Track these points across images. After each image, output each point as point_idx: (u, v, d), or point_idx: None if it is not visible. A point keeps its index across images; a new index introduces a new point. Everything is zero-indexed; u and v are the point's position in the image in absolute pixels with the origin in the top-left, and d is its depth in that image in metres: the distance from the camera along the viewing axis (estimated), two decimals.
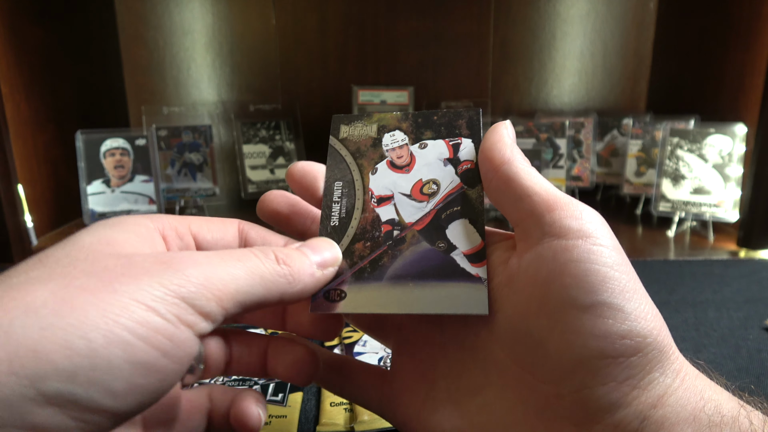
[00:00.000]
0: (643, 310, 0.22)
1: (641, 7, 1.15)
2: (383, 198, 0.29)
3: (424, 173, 0.29)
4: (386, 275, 0.27)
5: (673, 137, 0.88)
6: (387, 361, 0.46)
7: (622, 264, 0.23)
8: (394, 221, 0.28)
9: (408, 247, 0.27)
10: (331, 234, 0.28)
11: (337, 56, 1.15)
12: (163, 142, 0.96)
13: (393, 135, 0.30)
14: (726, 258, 0.76)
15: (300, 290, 0.24)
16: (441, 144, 0.29)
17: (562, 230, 0.23)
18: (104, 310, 0.18)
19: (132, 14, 1.11)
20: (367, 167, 0.30)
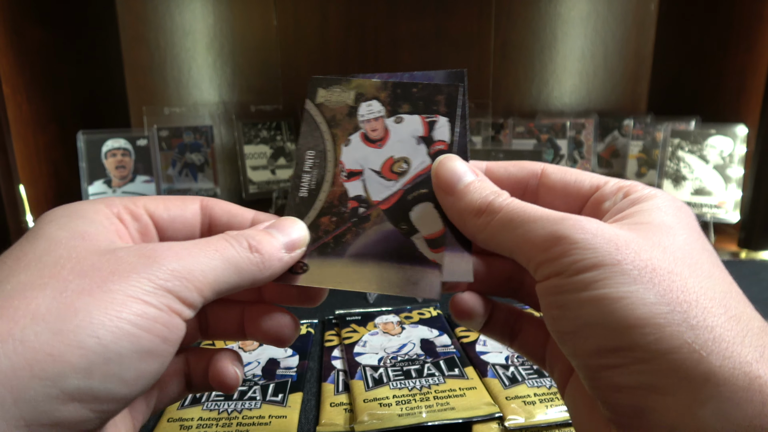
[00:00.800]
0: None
1: (642, 8, 1.15)
2: (353, 173, 0.29)
3: (396, 150, 0.29)
4: (348, 252, 0.27)
5: (674, 138, 0.88)
6: (387, 361, 0.46)
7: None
8: (361, 198, 0.28)
9: (372, 225, 0.28)
10: (299, 205, 0.28)
11: (338, 57, 1.15)
12: (165, 143, 0.96)
13: (370, 105, 0.29)
14: (727, 259, 0.76)
15: (269, 276, 0.25)
16: (417, 120, 0.29)
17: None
18: (105, 309, 0.19)
19: (133, 15, 1.11)
20: (340, 137, 0.29)
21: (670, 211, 0.24)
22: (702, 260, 0.22)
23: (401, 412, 0.38)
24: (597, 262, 0.20)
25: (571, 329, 0.21)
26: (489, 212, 0.25)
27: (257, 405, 0.40)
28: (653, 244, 0.21)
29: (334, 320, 0.55)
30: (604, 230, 0.21)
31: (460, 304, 0.28)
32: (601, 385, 0.21)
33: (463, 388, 0.41)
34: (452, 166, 0.27)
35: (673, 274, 0.20)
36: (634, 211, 0.24)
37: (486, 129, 1.03)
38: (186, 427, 0.38)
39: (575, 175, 0.27)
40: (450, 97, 0.29)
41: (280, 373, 0.45)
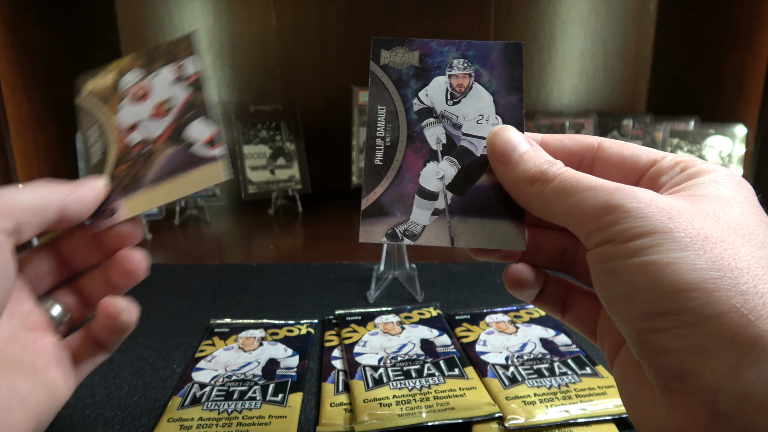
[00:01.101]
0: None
1: (641, 8, 1.15)
2: (131, 127, 0.33)
3: (161, 95, 0.33)
4: (146, 181, 0.31)
5: (673, 138, 0.88)
6: (387, 361, 0.46)
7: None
8: (144, 140, 0.32)
9: (159, 155, 0.32)
10: (95, 169, 0.32)
11: (338, 57, 1.15)
12: None
13: (129, 76, 0.34)
14: None
15: (75, 197, 0.29)
16: (166, 71, 0.33)
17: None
18: None
19: (132, 15, 1.11)
20: (111, 110, 0.34)
21: (728, 185, 0.24)
22: (757, 231, 0.22)
23: (401, 412, 0.38)
24: (649, 230, 0.21)
25: (621, 294, 0.21)
26: (543, 180, 0.25)
27: (257, 405, 0.40)
28: (707, 214, 0.21)
29: (334, 320, 0.55)
30: (658, 200, 0.22)
31: (513, 274, 0.29)
32: (648, 349, 0.21)
33: (463, 388, 0.41)
34: (507, 136, 0.27)
35: (726, 243, 0.20)
36: (692, 184, 0.24)
37: None
38: (186, 427, 0.38)
39: (632, 149, 0.28)
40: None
41: (280, 373, 0.45)
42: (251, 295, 0.64)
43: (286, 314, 0.58)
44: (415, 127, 0.30)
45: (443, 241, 0.28)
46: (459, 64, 0.30)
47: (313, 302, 0.61)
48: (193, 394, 0.42)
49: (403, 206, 0.29)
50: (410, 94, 0.30)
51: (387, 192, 0.29)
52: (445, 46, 0.30)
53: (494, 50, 0.30)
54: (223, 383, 0.43)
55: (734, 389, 0.19)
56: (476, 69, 0.30)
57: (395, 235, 0.28)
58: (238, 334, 0.52)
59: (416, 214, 0.29)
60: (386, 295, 0.63)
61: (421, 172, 0.29)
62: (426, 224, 0.29)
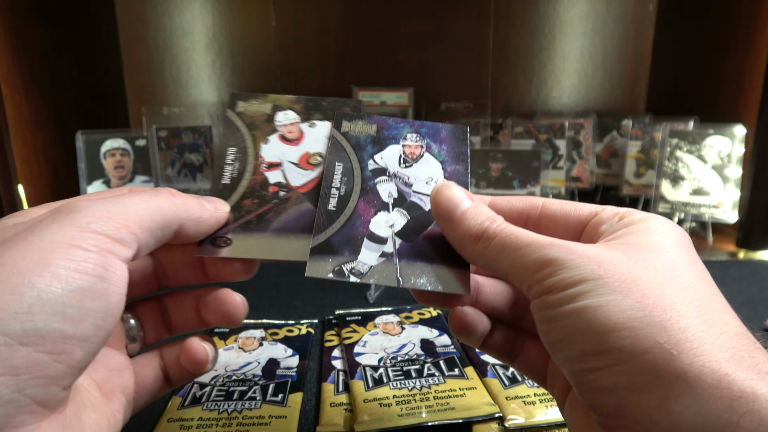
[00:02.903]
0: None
1: (641, 8, 1.15)
2: (273, 164, 0.32)
3: (311, 147, 0.33)
4: (270, 228, 0.30)
5: (673, 138, 0.89)
6: (387, 361, 0.46)
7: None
8: (281, 184, 0.32)
9: (292, 206, 0.31)
10: (222, 191, 0.31)
11: (337, 57, 1.15)
12: (163, 143, 0.96)
13: (286, 114, 0.34)
14: (725, 259, 0.76)
15: (196, 218, 0.27)
16: (327, 125, 0.33)
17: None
18: (31, 257, 0.20)
19: (132, 15, 1.11)
20: (259, 137, 0.33)
21: (660, 232, 0.25)
22: (684, 273, 0.23)
23: (401, 412, 0.38)
24: (581, 278, 0.22)
25: (560, 338, 0.23)
26: (485, 238, 0.26)
27: (257, 405, 0.40)
28: (636, 259, 0.23)
29: (334, 320, 0.55)
30: (589, 250, 0.23)
31: (458, 317, 0.30)
32: (587, 389, 0.22)
33: (463, 388, 0.41)
34: (450, 193, 0.28)
35: (652, 284, 0.22)
36: (626, 232, 0.25)
37: (485, 129, 1.03)
38: (186, 427, 0.38)
39: (574, 205, 0.29)
40: (355, 109, 0.34)
41: (280, 373, 0.45)
42: (251, 295, 0.63)
43: (286, 314, 0.58)
44: (369, 182, 0.32)
45: (390, 281, 0.29)
46: (412, 137, 0.33)
47: (313, 302, 0.61)
48: (193, 394, 0.42)
49: (352, 247, 0.30)
50: (366, 156, 0.32)
51: (338, 233, 0.30)
52: (400, 123, 0.34)
53: (444, 129, 0.34)
54: (223, 383, 0.43)
55: (666, 422, 0.20)
56: (427, 142, 0.33)
57: (342, 272, 0.29)
58: (238, 334, 0.52)
59: (364, 255, 0.30)
60: (386, 295, 0.63)
61: (372, 219, 0.31)
62: (373, 264, 0.29)
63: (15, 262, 0.20)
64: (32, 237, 0.21)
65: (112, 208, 0.23)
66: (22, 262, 0.20)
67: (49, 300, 0.19)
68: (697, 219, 0.87)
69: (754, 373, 0.19)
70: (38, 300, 0.19)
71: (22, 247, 0.20)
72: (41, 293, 0.19)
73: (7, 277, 0.19)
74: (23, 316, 0.19)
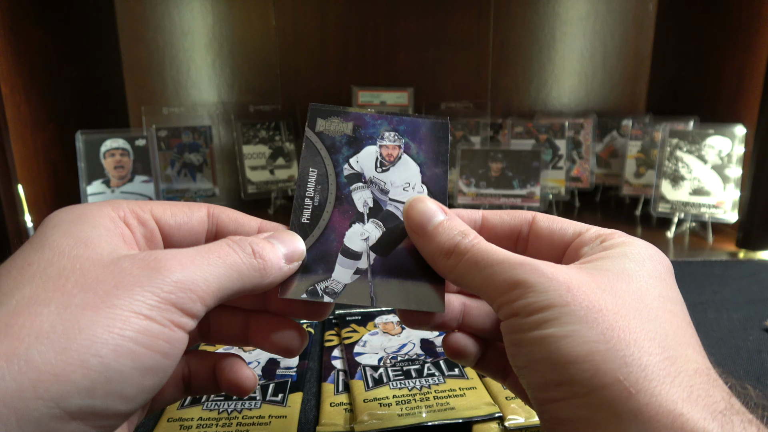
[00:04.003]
0: None
1: (641, 8, 1.15)
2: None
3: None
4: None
5: (673, 138, 0.89)
6: (387, 361, 0.46)
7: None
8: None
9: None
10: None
11: (337, 57, 1.15)
12: (163, 143, 0.96)
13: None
14: (725, 259, 0.76)
15: (269, 283, 0.26)
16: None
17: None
18: (108, 327, 0.19)
19: (132, 15, 1.11)
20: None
21: (637, 259, 0.25)
22: (652, 305, 0.23)
23: (401, 412, 0.38)
24: (548, 304, 0.22)
25: (525, 364, 0.23)
26: (457, 254, 0.26)
27: (257, 405, 0.40)
28: (605, 287, 0.23)
29: (334, 320, 0.55)
30: (559, 274, 0.23)
31: (452, 343, 0.30)
32: (547, 418, 0.22)
33: (463, 388, 0.41)
34: (422, 207, 0.28)
35: (618, 315, 0.22)
36: (602, 256, 0.25)
37: (484, 129, 1.03)
38: (186, 427, 0.38)
39: (560, 224, 0.29)
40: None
41: (280, 373, 0.45)
42: None
43: None
44: (344, 189, 0.31)
45: (363, 300, 0.29)
46: (390, 136, 0.32)
47: None
48: None
49: (326, 264, 0.29)
50: (342, 159, 0.31)
51: (311, 250, 0.29)
52: (378, 120, 0.32)
53: (423, 126, 0.32)
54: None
55: None
56: (406, 142, 0.31)
57: (316, 292, 0.29)
58: None
59: (338, 272, 0.29)
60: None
61: (346, 233, 0.30)
62: (347, 283, 0.29)
63: (90, 325, 0.19)
64: (113, 299, 0.20)
65: (195, 276, 0.22)
66: (97, 327, 0.19)
67: (113, 378, 0.19)
68: (697, 219, 0.87)
69: (708, 413, 0.19)
70: (103, 377, 0.19)
71: (103, 310, 0.20)
72: (107, 370, 0.19)
73: (81, 344, 0.19)
74: (84, 392, 0.19)
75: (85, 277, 0.21)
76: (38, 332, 0.19)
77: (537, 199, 0.91)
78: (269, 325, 0.29)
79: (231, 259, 0.24)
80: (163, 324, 0.21)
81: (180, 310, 0.21)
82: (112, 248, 0.23)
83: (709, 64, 0.99)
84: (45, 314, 0.19)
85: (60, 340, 0.18)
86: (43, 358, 0.18)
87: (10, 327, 0.19)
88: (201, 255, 0.23)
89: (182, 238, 0.27)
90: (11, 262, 0.22)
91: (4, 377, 0.17)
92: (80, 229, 0.23)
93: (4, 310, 0.19)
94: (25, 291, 0.20)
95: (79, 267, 0.21)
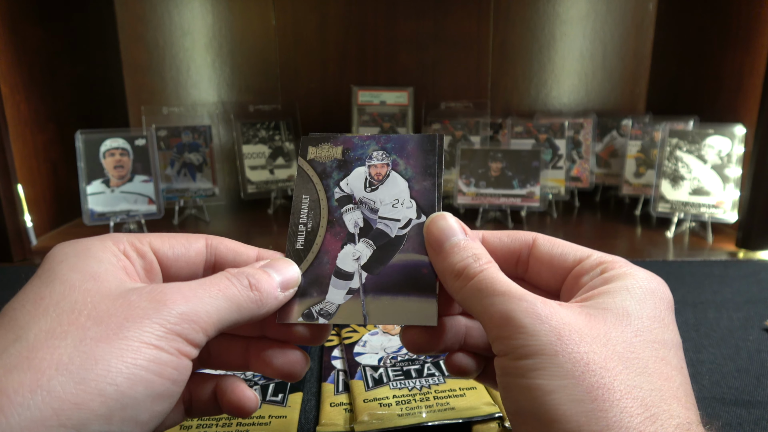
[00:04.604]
0: None
1: (640, 8, 1.15)
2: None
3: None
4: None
5: (672, 138, 0.89)
6: (387, 361, 0.46)
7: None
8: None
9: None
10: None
11: (337, 57, 1.15)
12: (163, 143, 0.96)
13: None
14: (725, 259, 0.76)
15: (266, 312, 0.27)
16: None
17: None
18: (122, 357, 0.21)
19: (132, 15, 1.11)
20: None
21: (638, 296, 0.25)
22: (643, 355, 0.23)
23: (401, 412, 0.38)
24: (537, 350, 0.22)
25: (514, 411, 0.24)
26: (465, 277, 0.27)
27: None
28: (597, 335, 0.23)
29: None
30: (552, 317, 0.23)
31: (453, 363, 0.31)
32: None
33: (463, 388, 0.41)
34: (442, 224, 0.29)
35: (605, 370, 0.22)
36: (602, 291, 0.25)
37: (484, 129, 1.03)
38: (186, 427, 0.38)
39: (561, 248, 0.29)
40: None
41: None
42: None
43: None
44: (335, 213, 0.32)
45: (356, 319, 0.29)
46: (378, 155, 0.32)
47: None
48: None
49: (319, 287, 0.30)
50: (332, 183, 0.32)
51: (306, 274, 0.30)
52: (366, 141, 0.33)
53: (411, 142, 0.32)
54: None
55: None
56: (393, 159, 0.32)
57: (311, 315, 0.29)
58: None
59: (332, 293, 0.30)
60: None
61: (338, 254, 0.31)
62: (340, 303, 0.30)
63: (105, 356, 0.21)
64: (124, 331, 0.21)
65: (198, 308, 0.24)
66: (112, 358, 0.21)
67: (128, 405, 0.21)
68: (696, 219, 0.87)
69: None
70: (119, 404, 0.20)
71: (116, 341, 0.21)
72: (123, 397, 0.20)
73: (98, 374, 0.20)
74: (102, 419, 0.20)
75: (96, 310, 0.22)
76: (58, 364, 0.20)
77: (537, 198, 0.92)
78: (269, 351, 0.30)
79: (230, 291, 0.25)
80: (170, 353, 0.22)
81: (185, 340, 0.23)
82: (118, 282, 0.24)
83: (708, 64, 0.99)
84: (63, 347, 0.20)
85: (78, 371, 0.20)
86: (64, 388, 0.20)
87: (31, 360, 0.20)
88: (203, 288, 0.25)
89: (180, 269, 0.29)
90: (24, 296, 0.23)
91: (29, 407, 0.19)
92: (87, 263, 0.24)
93: (23, 344, 0.21)
94: (41, 324, 0.21)
95: (90, 300, 0.22)
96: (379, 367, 0.45)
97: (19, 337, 0.21)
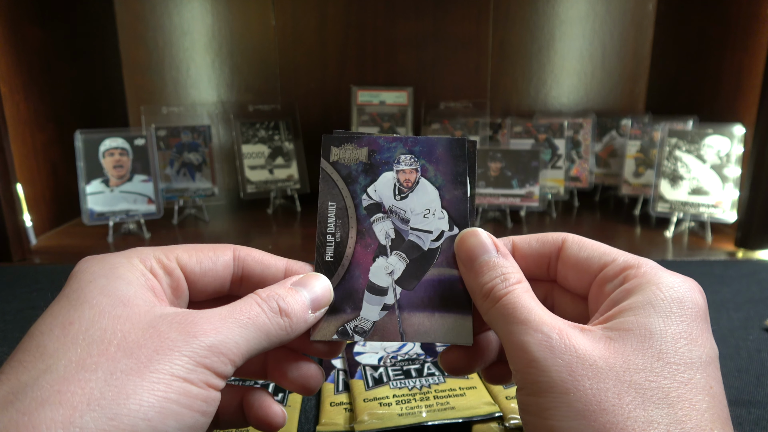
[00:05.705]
0: None
1: (640, 8, 1.15)
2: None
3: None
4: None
5: (672, 138, 0.89)
6: (387, 360, 0.46)
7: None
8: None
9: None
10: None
11: (337, 57, 1.15)
12: (162, 142, 0.96)
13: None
14: (724, 258, 0.76)
15: (294, 336, 0.27)
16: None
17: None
18: (153, 390, 0.21)
19: (131, 14, 1.11)
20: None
21: (662, 309, 0.24)
22: (664, 383, 0.22)
23: (401, 412, 0.38)
24: (548, 387, 0.22)
25: None
26: (491, 299, 0.26)
27: None
28: (613, 365, 0.22)
29: None
30: (566, 351, 0.23)
31: (447, 361, 0.30)
32: None
33: (463, 387, 0.41)
34: (474, 242, 0.28)
35: (618, 408, 0.21)
36: (623, 308, 0.24)
37: (484, 129, 1.03)
38: None
39: (588, 251, 0.28)
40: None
41: None
42: None
43: None
44: (365, 222, 0.30)
45: (393, 336, 0.29)
46: (406, 159, 0.31)
47: None
48: None
49: (353, 302, 0.29)
50: (359, 189, 0.30)
51: (337, 288, 0.29)
52: (392, 143, 0.31)
53: (439, 145, 0.31)
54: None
55: None
56: (422, 164, 0.31)
57: (346, 333, 0.29)
58: None
59: (366, 310, 0.29)
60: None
61: (370, 268, 0.30)
62: (376, 320, 0.29)
63: (137, 390, 0.20)
64: (154, 363, 0.21)
65: (227, 340, 0.23)
66: (143, 392, 0.21)
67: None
68: (695, 218, 0.88)
69: None
70: None
71: (147, 374, 0.21)
72: (155, 431, 0.20)
73: (130, 409, 0.20)
74: None
75: (126, 341, 0.22)
76: (89, 399, 0.20)
77: (536, 198, 0.92)
78: (287, 362, 0.29)
79: (260, 320, 0.25)
80: (199, 386, 0.22)
81: (213, 372, 0.23)
82: (148, 306, 0.24)
83: (708, 64, 0.99)
84: (93, 380, 0.20)
85: (110, 407, 0.20)
86: (97, 424, 0.19)
87: (62, 394, 0.20)
88: (232, 316, 0.24)
89: (207, 284, 0.28)
90: (52, 319, 0.23)
91: None
92: (116, 285, 0.24)
93: (54, 375, 0.20)
94: (70, 355, 0.21)
95: (120, 329, 0.22)
96: (379, 366, 0.45)
97: (49, 368, 0.21)
